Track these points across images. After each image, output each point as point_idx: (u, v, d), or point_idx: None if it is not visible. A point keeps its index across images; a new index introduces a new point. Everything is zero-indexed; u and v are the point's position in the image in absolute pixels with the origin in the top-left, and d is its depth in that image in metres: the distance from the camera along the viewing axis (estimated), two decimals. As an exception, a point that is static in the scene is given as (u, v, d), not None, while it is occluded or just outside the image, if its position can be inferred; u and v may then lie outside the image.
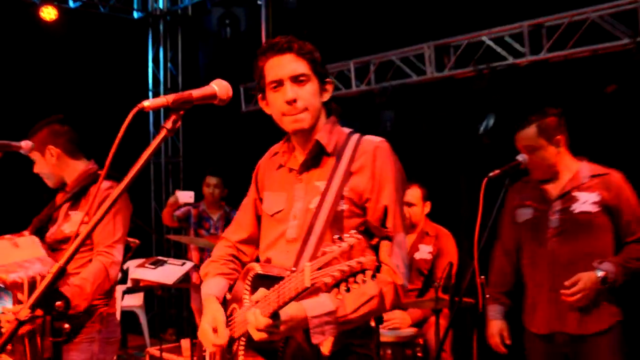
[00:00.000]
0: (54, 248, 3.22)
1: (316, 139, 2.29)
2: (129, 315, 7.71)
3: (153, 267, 5.44)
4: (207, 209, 6.74)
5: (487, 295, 3.59)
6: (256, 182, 2.56)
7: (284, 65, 2.25)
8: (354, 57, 7.15)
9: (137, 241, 6.17)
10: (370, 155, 2.25)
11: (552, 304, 3.41)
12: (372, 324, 2.34)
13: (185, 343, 6.68)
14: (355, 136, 2.32)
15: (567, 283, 3.26)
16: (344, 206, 2.21)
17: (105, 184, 3.23)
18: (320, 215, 2.19)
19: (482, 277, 3.14)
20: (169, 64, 9.55)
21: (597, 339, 3.30)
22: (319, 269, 1.71)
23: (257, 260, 2.47)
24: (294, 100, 2.23)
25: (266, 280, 2.11)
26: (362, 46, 7.10)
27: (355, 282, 1.64)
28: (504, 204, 3.62)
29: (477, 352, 3.15)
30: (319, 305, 2.06)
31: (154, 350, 6.26)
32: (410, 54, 6.77)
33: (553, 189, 3.48)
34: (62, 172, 3.41)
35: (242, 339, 2.16)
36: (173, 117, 1.71)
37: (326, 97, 2.32)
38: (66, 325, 1.44)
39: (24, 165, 3.53)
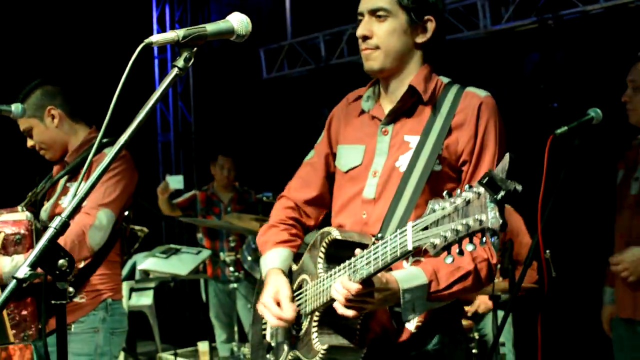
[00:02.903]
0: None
1: (410, 84, 2.28)
2: (137, 316, 7.84)
3: (165, 256, 5.54)
4: (217, 191, 6.84)
5: (554, 274, 3.59)
6: (329, 133, 2.55)
7: None
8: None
9: (145, 229, 6.31)
10: (474, 110, 2.22)
11: (625, 287, 3.41)
12: None
13: (202, 346, 6.82)
14: (456, 86, 2.31)
15: (616, 256, 3.32)
16: (438, 167, 2.20)
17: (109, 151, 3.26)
18: (412, 174, 2.19)
19: (548, 251, 3.13)
20: (176, 25, 9.65)
21: None
22: (425, 228, 1.71)
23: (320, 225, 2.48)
24: (364, 37, 2.28)
25: (346, 248, 2.13)
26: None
27: (472, 243, 1.61)
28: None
29: (542, 341, 3.15)
30: (411, 277, 2.08)
31: (167, 356, 6.38)
32: (460, 4, 6.74)
33: None
34: (65, 137, 3.43)
35: (316, 313, 2.19)
36: (185, 54, 1.76)
37: (421, 37, 2.29)
38: (70, 289, 1.51)
39: (18, 137, 3.59)
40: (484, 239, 1.59)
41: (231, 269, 5.78)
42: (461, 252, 1.64)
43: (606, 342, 3.78)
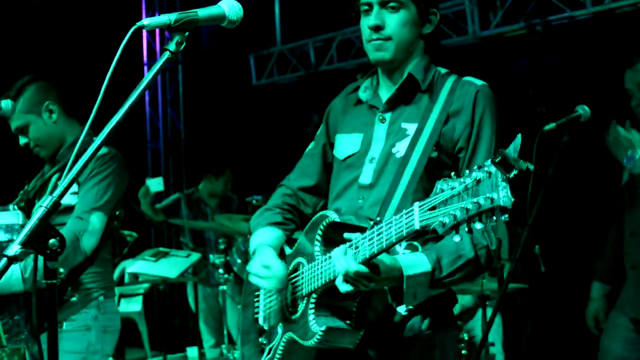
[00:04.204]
0: None
1: (409, 73, 2.34)
2: (126, 323, 7.79)
3: (154, 259, 5.54)
4: (203, 196, 6.91)
5: (543, 269, 3.62)
6: (327, 124, 2.60)
7: None
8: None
9: (134, 234, 6.30)
10: (471, 98, 2.28)
11: (637, 285, 3.43)
12: None
13: (191, 352, 6.80)
14: (454, 76, 2.37)
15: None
16: (434, 154, 2.24)
17: (103, 149, 3.21)
18: (410, 161, 2.23)
19: (537, 247, 3.16)
20: (165, 32, 9.62)
21: None
22: (433, 208, 1.73)
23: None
24: (377, 27, 2.29)
25: (343, 230, 2.15)
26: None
27: (481, 222, 1.62)
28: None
29: (532, 340, 3.17)
30: (416, 264, 2.11)
31: (156, 362, 6.36)
32: (449, 10, 6.78)
33: None
34: (61, 133, 3.41)
35: (314, 295, 2.21)
36: (177, 38, 1.77)
37: (427, 29, 2.37)
38: (61, 270, 1.51)
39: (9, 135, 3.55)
40: (494, 217, 1.61)
41: (220, 271, 5.78)
42: (470, 231, 1.66)
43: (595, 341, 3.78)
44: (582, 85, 5.76)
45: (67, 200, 3.23)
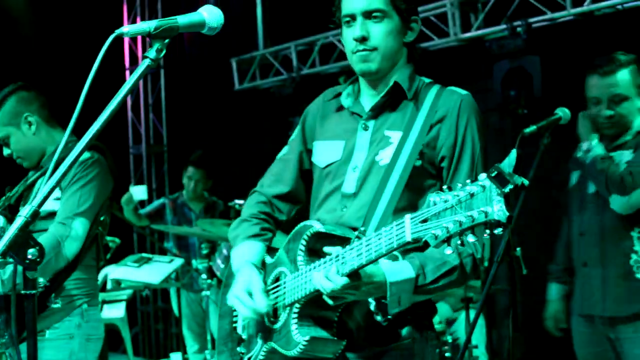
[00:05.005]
0: None
1: (395, 81, 2.34)
2: (109, 329, 7.74)
3: (137, 265, 5.52)
4: (187, 201, 6.87)
5: (524, 271, 3.65)
6: (303, 130, 2.58)
7: None
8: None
9: (116, 240, 6.26)
10: (455, 107, 2.29)
11: (586, 282, 3.49)
12: None
13: (175, 358, 6.78)
14: (437, 85, 2.38)
15: None
16: (418, 162, 2.25)
17: (85, 154, 3.23)
18: (395, 169, 2.23)
19: (519, 249, 3.18)
20: (147, 38, 9.59)
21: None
22: (424, 221, 1.74)
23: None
24: (363, 38, 2.29)
25: (327, 240, 2.16)
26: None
27: (474, 235, 1.64)
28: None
29: (513, 339, 3.19)
30: (398, 271, 2.12)
31: (139, 368, 6.34)
32: (431, 13, 6.80)
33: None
34: (42, 144, 3.41)
35: (297, 305, 2.22)
36: (156, 46, 1.77)
37: (410, 37, 2.38)
38: (40, 279, 1.51)
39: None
40: (488, 231, 1.63)
41: (203, 276, 5.76)
42: (462, 244, 1.67)
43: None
44: (563, 88, 5.80)
45: (51, 206, 3.22)
